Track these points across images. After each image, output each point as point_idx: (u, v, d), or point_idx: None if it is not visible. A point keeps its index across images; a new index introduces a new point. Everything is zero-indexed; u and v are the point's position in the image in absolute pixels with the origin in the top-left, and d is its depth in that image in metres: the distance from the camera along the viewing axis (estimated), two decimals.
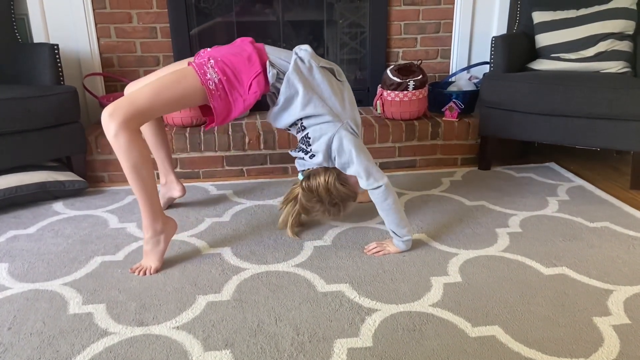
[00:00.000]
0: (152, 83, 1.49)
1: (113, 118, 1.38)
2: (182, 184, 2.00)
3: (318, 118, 1.62)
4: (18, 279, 1.55)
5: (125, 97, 1.44)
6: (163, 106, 1.49)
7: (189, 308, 1.39)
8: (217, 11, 2.69)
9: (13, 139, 2.02)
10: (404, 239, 1.65)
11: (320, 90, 1.62)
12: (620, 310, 1.35)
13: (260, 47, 1.61)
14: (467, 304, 1.39)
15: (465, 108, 2.58)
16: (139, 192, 1.49)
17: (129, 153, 1.41)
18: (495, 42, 2.38)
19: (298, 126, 1.68)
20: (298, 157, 1.73)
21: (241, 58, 1.56)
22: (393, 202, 1.60)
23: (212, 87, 1.51)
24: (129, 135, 1.39)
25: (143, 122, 1.46)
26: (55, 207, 2.08)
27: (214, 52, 1.59)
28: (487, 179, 2.37)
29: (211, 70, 1.52)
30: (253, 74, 1.55)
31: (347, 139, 1.60)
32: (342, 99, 1.66)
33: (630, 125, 2.07)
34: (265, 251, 1.71)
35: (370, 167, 1.60)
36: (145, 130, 1.87)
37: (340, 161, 1.62)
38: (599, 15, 2.35)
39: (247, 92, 1.55)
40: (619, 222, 1.89)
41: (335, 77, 1.69)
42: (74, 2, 2.49)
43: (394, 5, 2.75)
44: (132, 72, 2.68)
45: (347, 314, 1.35)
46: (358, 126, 1.69)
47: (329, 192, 1.65)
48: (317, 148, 1.63)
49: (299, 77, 1.58)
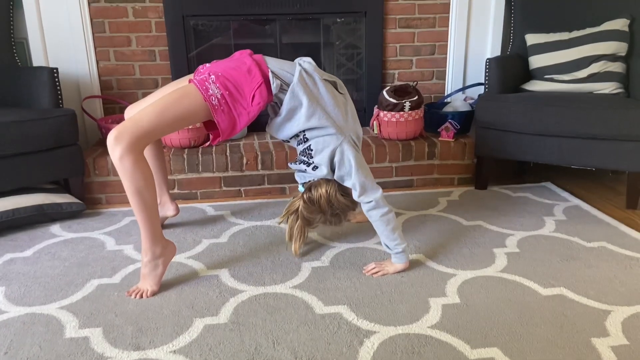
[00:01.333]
0: (155, 103, 1.49)
1: (118, 141, 1.39)
2: (175, 203, 2.01)
3: (321, 130, 1.62)
4: (14, 303, 1.54)
5: (130, 120, 1.44)
6: (167, 126, 1.49)
7: (186, 331, 1.38)
8: (215, 34, 2.72)
9: (12, 161, 2.03)
10: (395, 251, 1.65)
11: (324, 102, 1.63)
12: (618, 331, 1.35)
13: (259, 58, 1.62)
14: (465, 325, 1.39)
15: (461, 128, 2.60)
16: (140, 215, 1.49)
17: (134, 176, 1.42)
18: (490, 63, 2.41)
19: (300, 138, 1.67)
20: (299, 169, 1.73)
21: (241, 71, 1.56)
22: (384, 214, 1.62)
23: (215, 102, 1.51)
24: (134, 159, 1.40)
25: (148, 143, 1.47)
26: (52, 230, 2.08)
27: (214, 67, 1.59)
28: (483, 199, 2.38)
29: (213, 85, 1.52)
30: (255, 85, 1.55)
31: (349, 152, 1.61)
32: (345, 112, 1.68)
33: (625, 146, 2.09)
34: (262, 272, 1.71)
35: (367, 182, 1.62)
36: (144, 152, 1.87)
37: (339, 173, 1.64)
38: (592, 38, 2.39)
39: (251, 104, 1.55)
40: (616, 241, 1.90)
41: (337, 90, 1.70)
42: (73, 26, 2.52)
43: (389, 28, 2.79)
44: (130, 95, 2.70)
45: (346, 337, 1.34)
46: (359, 139, 1.71)
47: (330, 203, 1.66)
48: (320, 160, 1.64)
49: (303, 88, 1.59)
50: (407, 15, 2.78)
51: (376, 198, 1.61)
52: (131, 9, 2.57)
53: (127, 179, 1.42)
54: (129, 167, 1.40)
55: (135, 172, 1.41)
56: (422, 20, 2.80)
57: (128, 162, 1.40)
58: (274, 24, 2.72)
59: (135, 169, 1.41)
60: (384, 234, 1.65)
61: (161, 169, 1.94)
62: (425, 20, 2.81)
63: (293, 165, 1.75)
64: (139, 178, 1.42)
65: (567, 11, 2.58)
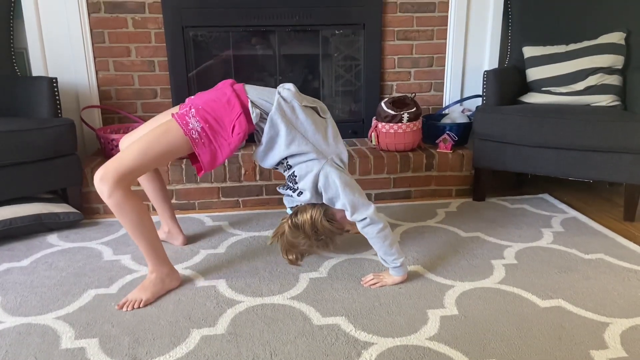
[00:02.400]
0: (139, 141, 1.53)
1: (104, 181, 1.45)
2: (184, 236, 1.99)
3: (302, 156, 1.63)
4: (10, 313, 1.53)
5: (114, 159, 1.49)
6: (151, 162, 1.54)
7: (183, 342, 1.37)
8: (214, 45, 2.74)
9: (10, 170, 2.03)
10: (393, 265, 1.65)
11: (303, 128, 1.63)
12: (617, 344, 1.35)
13: (239, 88, 1.63)
14: (464, 337, 1.38)
15: (459, 140, 2.61)
16: (141, 245, 1.57)
17: (124, 210, 1.49)
18: (487, 76, 2.43)
19: (284, 165, 1.68)
20: (286, 194, 1.74)
21: (221, 102, 1.58)
22: (379, 230, 1.61)
23: (196, 136, 1.54)
24: (121, 195, 1.46)
25: (134, 179, 1.53)
26: (49, 240, 2.07)
27: (196, 100, 1.61)
28: (481, 210, 2.38)
29: (193, 119, 1.54)
30: (234, 116, 1.56)
31: (333, 174, 1.61)
32: (326, 136, 1.67)
33: (622, 158, 2.10)
34: (260, 283, 1.70)
35: (356, 200, 1.60)
36: (142, 180, 1.88)
37: (327, 196, 1.64)
38: (588, 51, 2.41)
39: (231, 134, 1.57)
40: (614, 253, 1.90)
41: (319, 115, 1.70)
42: (73, 37, 2.53)
43: (387, 40, 2.81)
44: (129, 105, 2.70)
45: (343, 348, 1.34)
46: (343, 161, 1.69)
47: (314, 228, 1.66)
48: (304, 185, 1.64)
49: (281, 117, 1.59)
50: (405, 28, 2.81)
51: (369, 214, 1.60)
52: (131, 19, 2.59)
53: (119, 214, 1.49)
54: (118, 203, 1.47)
55: (125, 206, 1.48)
56: (421, 32, 2.83)
57: (116, 198, 1.46)
58: (273, 35, 2.74)
59: (124, 203, 1.47)
60: (382, 249, 1.64)
61: (162, 196, 1.93)
62: (423, 33, 2.83)
63: (281, 189, 1.77)
64: (130, 211, 1.49)
65: (564, 24, 2.61)
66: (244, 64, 2.80)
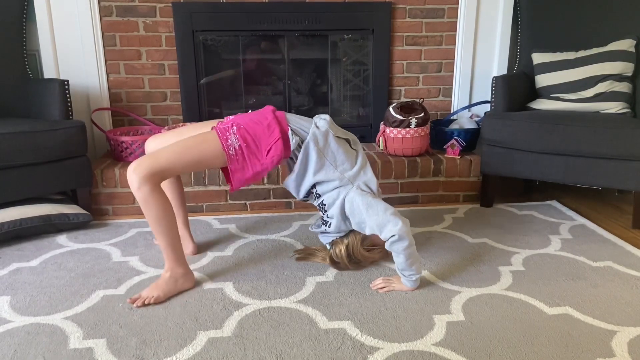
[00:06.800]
0: (177, 144, 1.59)
1: (136, 172, 1.50)
2: (195, 245, 1.99)
3: (330, 184, 1.71)
4: (19, 313, 1.54)
5: (149, 155, 1.56)
6: (183, 166, 1.60)
7: (189, 344, 1.38)
8: (223, 49, 2.76)
9: (21, 171, 2.05)
10: (408, 278, 1.65)
11: (333, 157, 1.70)
12: (624, 352, 1.34)
13: (281, 116, 1.70)
14: (470, 343, 1.38)
15: (467, 146, 2.61)
16: (161, 241, 1.60)
17: (151, 204, 1.52)
18: (496, 82, 2.42)
19: (314, 194, 1.76)
20: (321, 231, 1.84)
21: (262, 126, 1.65)
22: (405, 247, 1.61)
23: (232, 152, 1.61)
24: (150, 189, 1.51)
25: (164, 178, 1.57)
26: (58, 240, 2.09)
27: (237, 119, 1.68)
28: (489, 216, 2.37)
29: (233, 136, 1.61)
30: (272, 140, 1.63)
31: (357, 197, 1.67)
32: (355, 165, 1.74)
33: (632, 165, 2.09)
34: (267, 286, 1.71)
35: (381, 219, 1.62)
36: (164, 186, 1.89)
37: (354, 221, 1.70)
38: (598, 58, 2.40)
39: (265, 157, 1.64)
40: (622, 261, 1.89)
41: (350, 146, 1.77)
42: (85, 40, 2.56)
43: (396, 45, 2.81)
44: (139, 108, 2.72)
45: (349, 353, 1.34)
46: (371, 188, 1.74)
47: (350, 257, 1.76)
48: (332, 213, 1.73)
49: (314, 145, 1.67)
50: (414, 33, 2.81)
51: (396, 231, 1.59)
52: (142, 23, 2.61)
53: (145, 207, 1.53)
54: (145, 197, 1.51)
55: (151, 200, 1.52)
56: (429, 38, 2.83)
57: (145, 191, 1.51)
58: (282, 40, 2.76)
59: (152, 197, 1.52)
60: (402, 265, 1.64)
61: (180, 205, 1.95)
62: (432, 38, 2.83)
63: (314, 228, 1.86)
64: (156, 206, 1.53)
65: (574, 31, 2.60)
66: (253, 68, 2.82)
